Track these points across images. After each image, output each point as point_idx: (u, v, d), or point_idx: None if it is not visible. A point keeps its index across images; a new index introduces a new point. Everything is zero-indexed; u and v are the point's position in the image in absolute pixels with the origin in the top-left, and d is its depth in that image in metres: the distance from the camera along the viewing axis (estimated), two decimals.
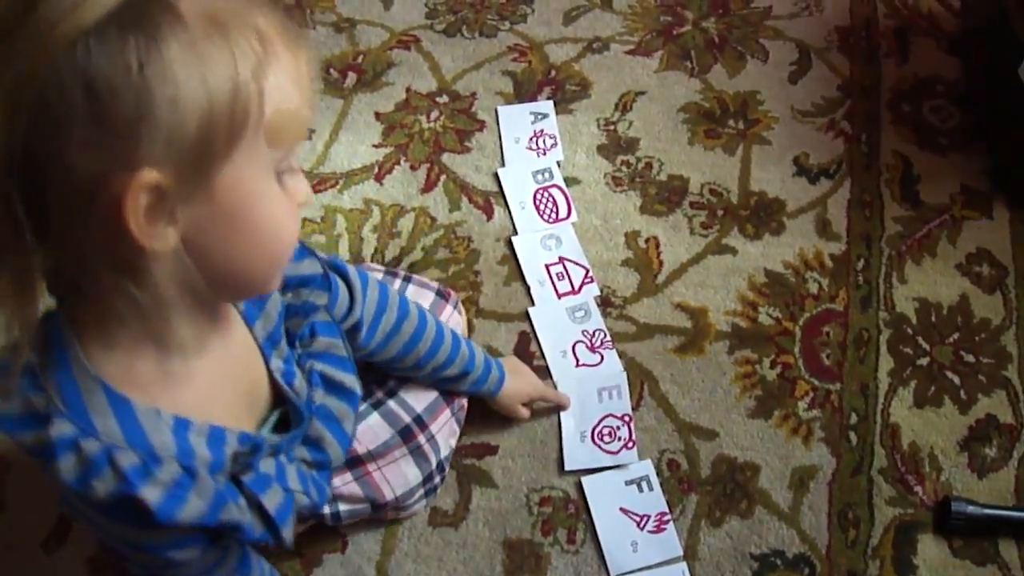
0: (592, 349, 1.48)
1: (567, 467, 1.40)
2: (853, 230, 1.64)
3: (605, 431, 1.42)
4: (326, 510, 1.19)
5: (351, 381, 1.01)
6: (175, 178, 0.61)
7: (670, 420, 1.44)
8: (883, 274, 1.59)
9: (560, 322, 1.51)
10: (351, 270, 1.05)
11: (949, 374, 1.49)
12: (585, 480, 1.39)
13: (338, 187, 1.70)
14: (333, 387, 0.98)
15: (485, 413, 1.39)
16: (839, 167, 1.72)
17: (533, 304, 1.54)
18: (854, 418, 1.45)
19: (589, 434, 1.41)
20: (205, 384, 0.81)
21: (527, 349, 1.49)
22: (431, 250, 1.61)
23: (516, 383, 1.34)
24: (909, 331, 1.53)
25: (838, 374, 1.48)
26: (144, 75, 0.58)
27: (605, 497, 1.38)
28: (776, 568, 1.34)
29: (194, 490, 0.77)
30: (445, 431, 1.28)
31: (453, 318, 1.37)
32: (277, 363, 0.91)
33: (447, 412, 1.28)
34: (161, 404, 0.75)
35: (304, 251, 0.97)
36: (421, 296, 1.33)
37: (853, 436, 1.44)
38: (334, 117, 1.80)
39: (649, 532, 1.35)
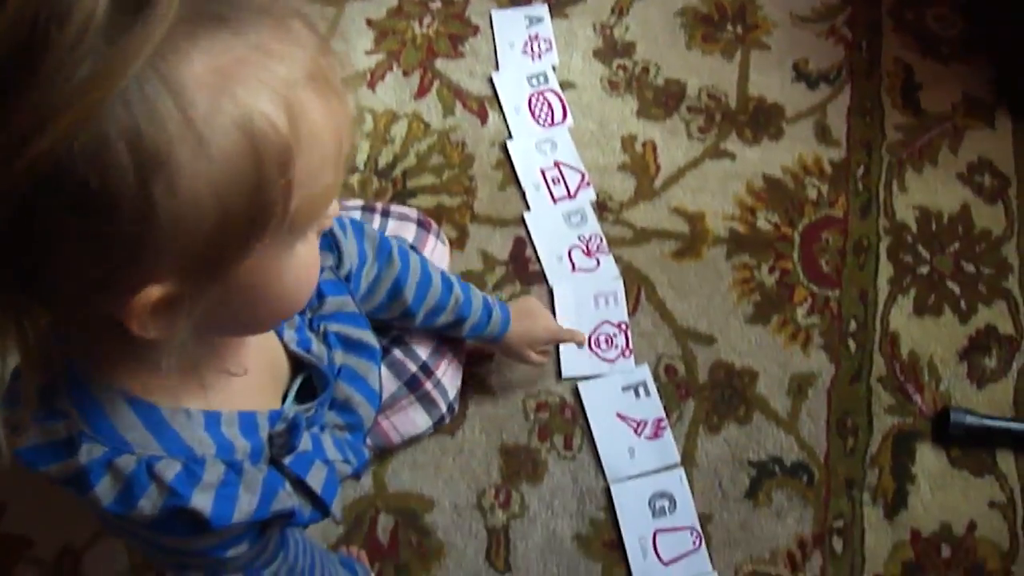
0: (588, 254, 1.45)
1: (564, 374, 1.37)
2: (853, 136, 1.60)
3: (602, 338, 1.39)
4: None
5: (368, 336, 0.95)
6: (183, 285, 0.54)
7: (667, 325, 1.42)
8: (883, 181, 1.56)
9: (556, 227, 1.48)
10: (334, 225, 0.97)
11: (949, 283, 1.47)
12: (582, 386, 1.37)
13: None
14: (351, 345, 0.92)
15: None
16: (839, 73, 1.68)
17: (528, 209, 1.50)
18: (853, 325, 1.43)
19: (586, 341, 1.38)
20: (226, 376, 0.75)
21: (523, 254, 1.46)
22: (424, 156, 1.57)
23: (524, 327, 1.25)
24: (909, 239, 1.50)
25: (837, 281, 1.46)
26: (147, 191, 0.48)
27: (602, 403, 1.36)
28: (774, 475, 1.33)
29: (243, 486, 0.72)
30: (451, 372, 1.25)
31: (437, 250, 1.32)
32: (290, 334, 0.85)
33: (450, 353, 1.25)
34: (186, 403, 0.70)
35: None
36: (403, 229, 1.28)
37: (852, 343, 1.42)
38: (326, 25, 1.73)
39: (646, 438, 1.34)
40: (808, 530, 1.32)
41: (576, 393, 1.36)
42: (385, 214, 1.30)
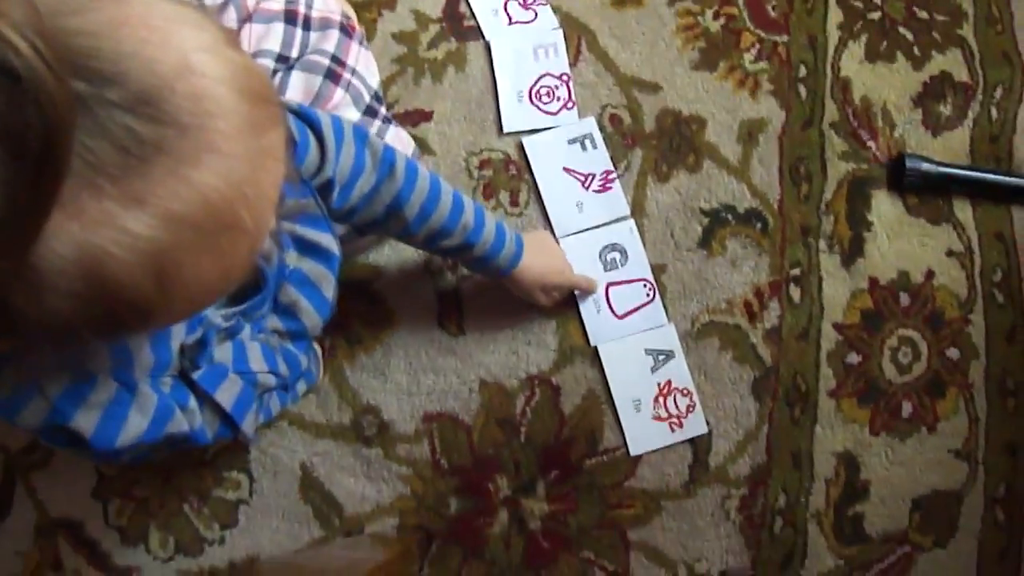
0: (525, 6, 1.38)
1: (505, 129, 1.31)
2: None
3: (543, 91, 1.33)
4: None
5: (328, 241, 0.87)
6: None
7: (610, 75, 1.36)
8: None
9: None
10: (324, 121, 0.88)
11: (902, 30, 1.42)
12: (526, 140, 1.31)
13: None
14: (307, 248, 0.85)
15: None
16: None
17: None
18: (803, 71, 1.38)
19: (527, 94, 1.32)
20: None
21: (456, 10, 1.38)
22: None
23: (538, 263, 1.15)
24: None
25: (784, 26, 1.40)
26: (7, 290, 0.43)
27: (547, 157, 1.30)
28: (727, 223, 1.29)
29: (134, 407, 0.66)
30: (363, 60, 1.17)
31: (362, 56, 1.21)
32: None
33: (354, 43, 1.16)
34: None
35: None
36: (325, 41, 1.18)
37: (802, 89, 1.37)
38: None
39: (594, 191, 1.29)
40: (764, 279, 1.28)
41: (520, 148, 1.31)
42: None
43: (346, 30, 1.19)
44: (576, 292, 1.24)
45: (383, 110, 1.20)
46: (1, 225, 0.39)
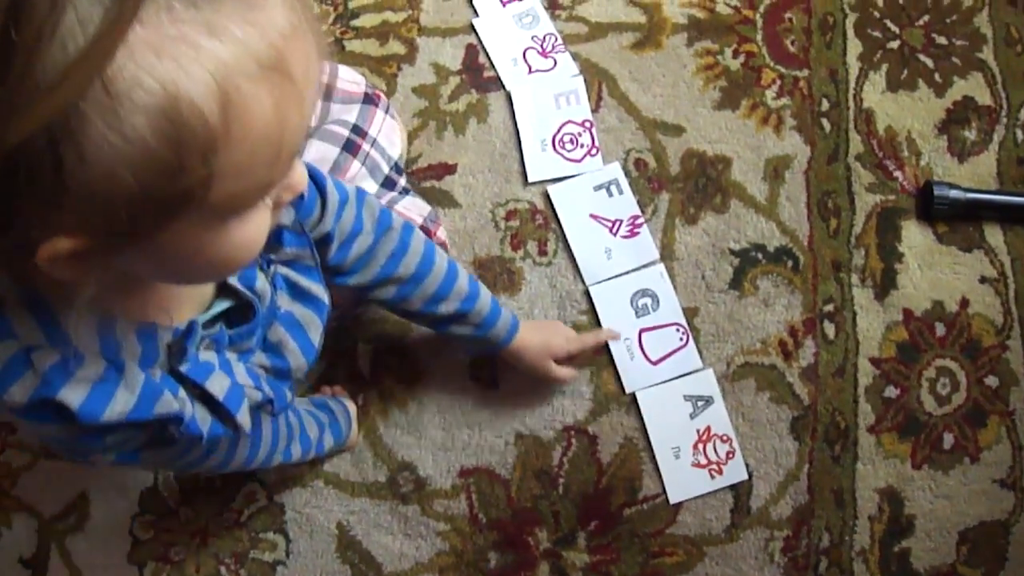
0: (544, 54, 1.38)
1: (530, 179, 1.31)
2: None
3: (566, 138, 1.32)
4: None
5: (318, 290, 0.88)
6: (97, 245, 0.51)
7: (633, 119, 1.35)
8: None
9: (508, 30, 1.39)
10: (328, 180, 0.90)
11: (922, 57, 1.41)
12: (551, 189, 1.30)
13: None
14: (299, 293, 0.86)
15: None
16: None
17: (477, 15, 1.42)
18: (825, 104, 1.37)
19: (550, 142, 1.32)
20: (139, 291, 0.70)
21: (476, 62, 1.38)
22: None
23: (538, 334, 1.17)
24: (876, 14, 1.43)
25: (804, 60, 1.39)
26: (55, 157, 0.45)
27: (574, 205, 1.30)
28: (758, 262, 1.28)
29: (122, 384, 0.66)
30: (385, 130, 1.17)
31: (386, 125, 1.21)
32: None
33: (379, 111, 1.17)
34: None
35: None
36: (346, 112, 1.19)
37: (826, 123, 1.36)
38: None
39: (623, 237, 1.28)
40: (798, 317, 1.27)
41: (546, 198, 1.30)
42: (328, 95, 1.20)
43: (371, 99, 1.19)
44: (609, 342, 1.23)
45: (402, 181, 1.21)
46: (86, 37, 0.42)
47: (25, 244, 0.50)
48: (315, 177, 0.89)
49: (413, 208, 1.19)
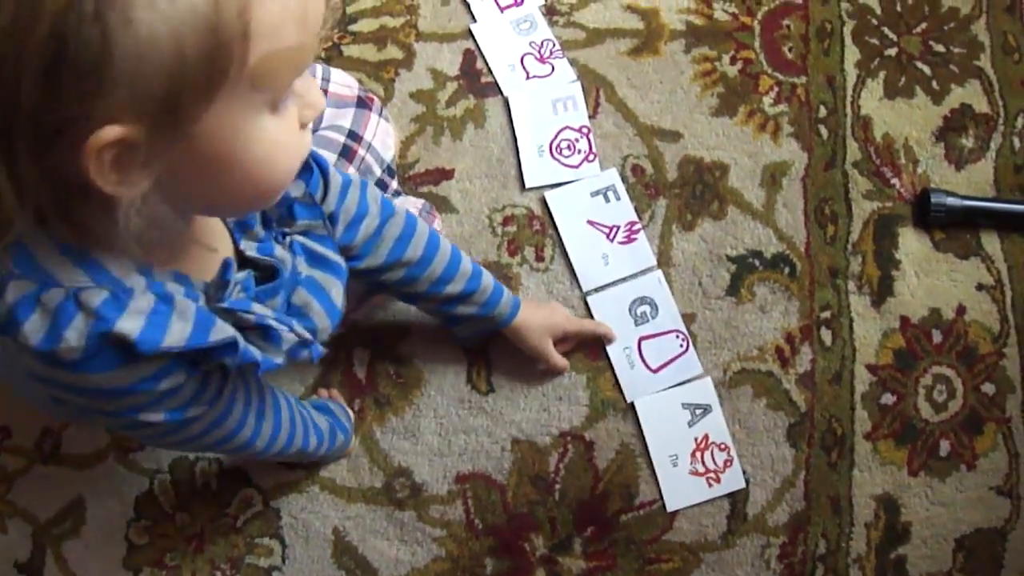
0: (542, 60, 1.38)
1: (527, 184, 1.31)
2: None
3: (563, 144, 1.32)
4: None
5: (335, 256, 0.90)
6: (143, 131, 0.53)
7: (630, 125, 1.35)
8: None
9: (505, 36, 1.39)
10: (331, 167, 0.94)
11: (919, 64, 1.41)
12: (548, 195, 1.30)
13: None
14: (316, 259, 0.88)
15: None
16: None
17: (475, 20, 1.42)
18: (823, 111, 1.37)
19: (547, 148, 1.32)
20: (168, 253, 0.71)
21: (474, 67, 1.38)
22: None
23: (539, 312, 1.21)
24: (874, 21, 1.44)
25: (802, 67, 1.40)
26: (102, 21, 0.48)
27: (571, 211, 1.29)
28: (755, 269, 1.28)
29: (175, 314, 0.67)
30: (380, 133, 1.17)
31: (380, 128, 1.20)
32: (249, 244, 0.81)
33: (373, 114, 1.17)
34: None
35: None
36: (339, 117, 1.18)
37: (823, 129, 1.36)
38: None
39: (620, 243, 1.28)
40: (795, 323, 1.27)
41: (543, 203, 1.30)
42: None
43: (364, 103, 1.19)
44: (607, 347, 1.23)
45: (394, 184, 1.21)
46: None
47: (72, 152, 0.52)
48: (317, 159, 0.91)
49: (407, 204, 1.21)
